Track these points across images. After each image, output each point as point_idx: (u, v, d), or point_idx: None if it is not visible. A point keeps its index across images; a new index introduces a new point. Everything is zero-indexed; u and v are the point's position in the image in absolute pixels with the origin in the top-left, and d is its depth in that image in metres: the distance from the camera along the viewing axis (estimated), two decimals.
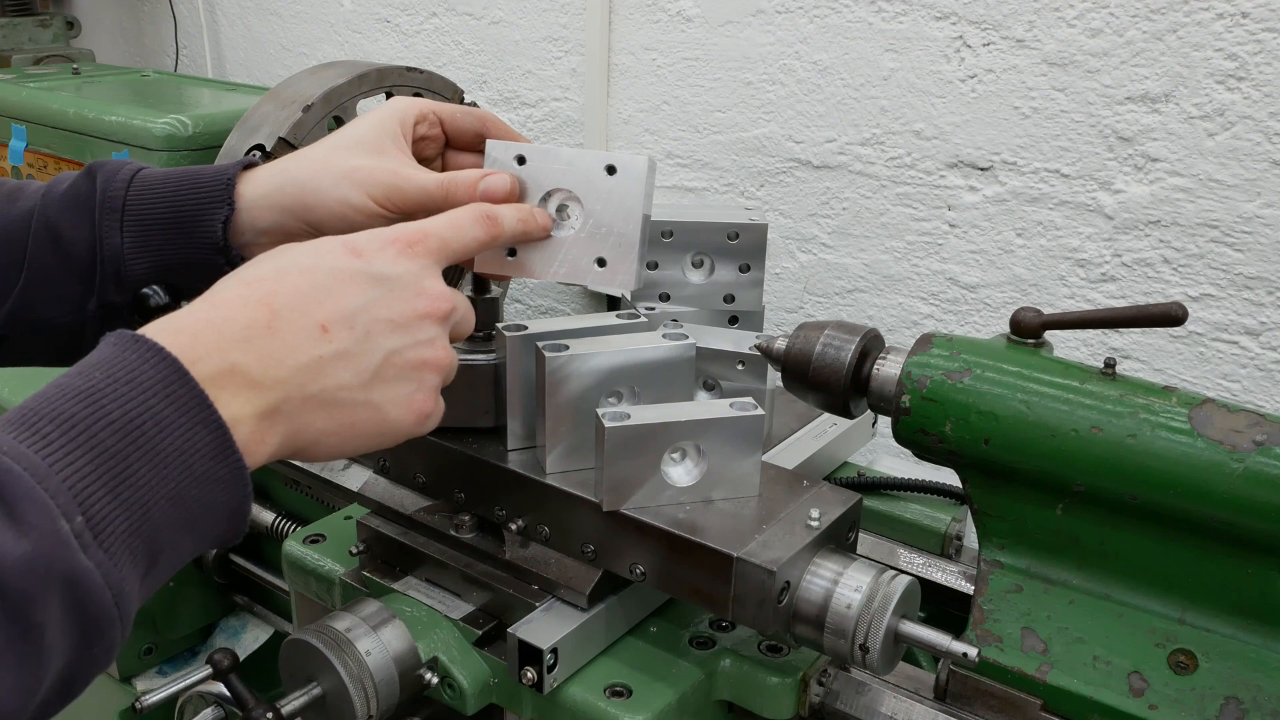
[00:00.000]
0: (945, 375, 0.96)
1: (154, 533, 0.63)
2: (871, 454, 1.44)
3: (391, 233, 0.80)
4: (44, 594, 0.56)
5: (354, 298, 0.75)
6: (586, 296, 2.29)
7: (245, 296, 0.73)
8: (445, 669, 0.99)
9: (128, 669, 1.66)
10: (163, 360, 0.65)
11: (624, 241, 0.95)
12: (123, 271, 0.93)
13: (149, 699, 1.22)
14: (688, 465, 0.95)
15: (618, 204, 0.95)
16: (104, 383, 0.63)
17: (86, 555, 0.58)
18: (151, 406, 0.63)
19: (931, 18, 1.70)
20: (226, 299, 0.73)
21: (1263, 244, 1.51)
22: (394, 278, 0.77)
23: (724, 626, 1.03)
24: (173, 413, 0.64)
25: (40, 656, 0.57)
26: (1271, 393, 1.56)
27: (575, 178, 0.95)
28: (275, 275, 0.75)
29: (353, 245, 0.78)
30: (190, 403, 0.65)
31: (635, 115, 2.12)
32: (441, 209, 0.88)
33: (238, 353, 0.69)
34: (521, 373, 1.00)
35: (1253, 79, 1.46)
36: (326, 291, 0.75)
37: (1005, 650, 0.95)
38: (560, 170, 0.95)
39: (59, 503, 0.58)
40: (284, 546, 1.18)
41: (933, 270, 1.82)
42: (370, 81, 1.34)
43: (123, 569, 0.61)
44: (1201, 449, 0.86)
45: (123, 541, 0.61)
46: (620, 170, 0.95)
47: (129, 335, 0.66)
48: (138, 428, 0.62)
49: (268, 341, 0.71)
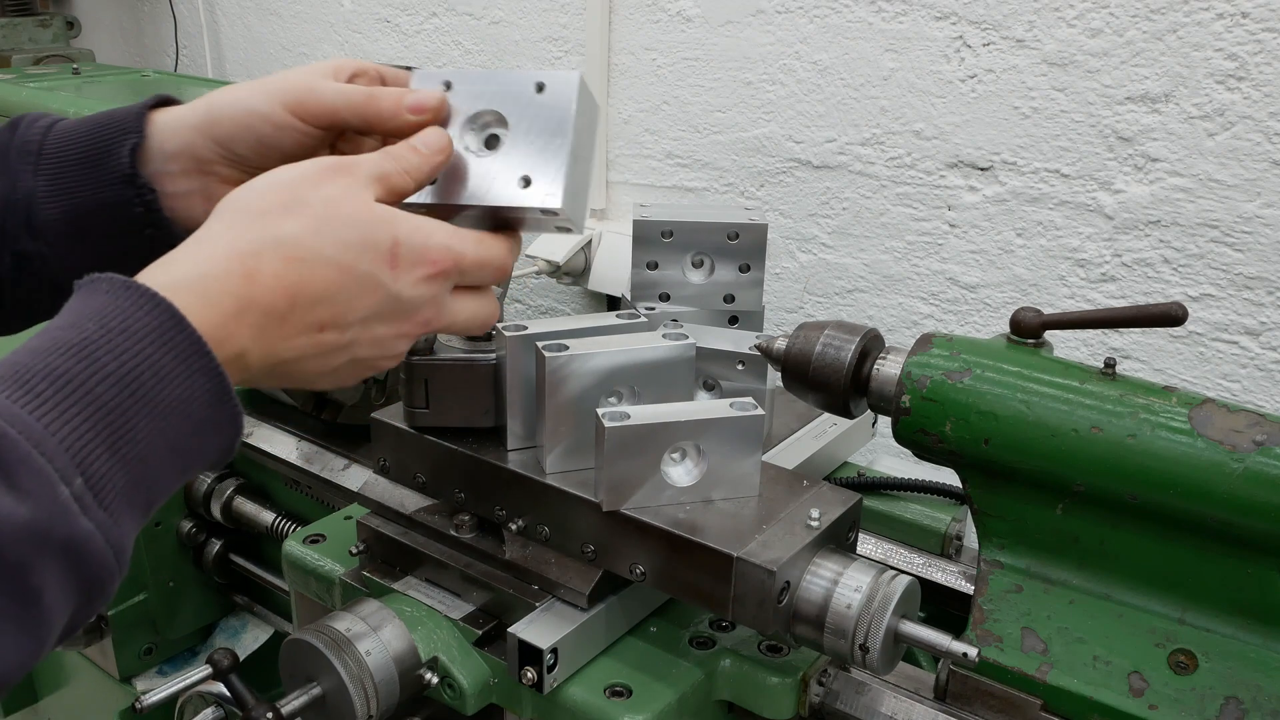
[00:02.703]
0: (945, 375, 0.96)
1: (153, 483, 0.63)
2: (871, 454, 1.44)
3: (434, 254, 0.79)
4: (41, 560, 0.56)
5: (363, 309, 0.76)
6: (586, 296, 2.29)
7: (280, 278, 0.71)
8: (445, 669, 0.99)
9: (128, 669, 1.66)
10: (157, 306, 0.64)
11: (551, 158, 0.88)
12: (35, 217, 0.89)
13: (149, 699, 1.22)
14: (688, 465, 0.95)
15: (546, 120, 0.88)
16: (98, 334, 0.61)
17: (87, 517, 0.58)
18: (149, 356, 0.62)
19: (931, 18, 1.70)
20: (261, 272, 0.71)
21: (1263, 244, 1.51)
22: (407, 302, 0.78)
23: (724, 626, 1.03)
24: (171, 361, 0.63)
25: (40, 619, 0.57)
26: (1271, 393, 1.56)
27: (502, 99, 0.89)
28: (313, 262, 0.73)
29: (395, 254, 0.76)
30: (189, 349, 0.64)
31: (635, 115, 2.12)
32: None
33: (247, 339, 0.70)
34: (521, 373, 1.00)
35: (1253, 79, 1.46)
36: (348, 297, 0.75)
37: (1005, 650, 0.95)
38: (487, 92, 0.89)
39: (57, 466, 0.57)
40: (284, 546, 1.18)
41: (933, 270, 1.82)
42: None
43: (123, 524, 0.60)
44: (1201, 449, 0.86)
45: (123, 497, 0.60)
46: (550, 87, 0.88)
47: (120, 281, 0.64)
48: (136, 379, 0.61)
49: (275, 330, 0.72)
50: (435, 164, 0.84)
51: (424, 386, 1.04)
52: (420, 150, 0.83)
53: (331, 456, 1.52)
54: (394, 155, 0.82)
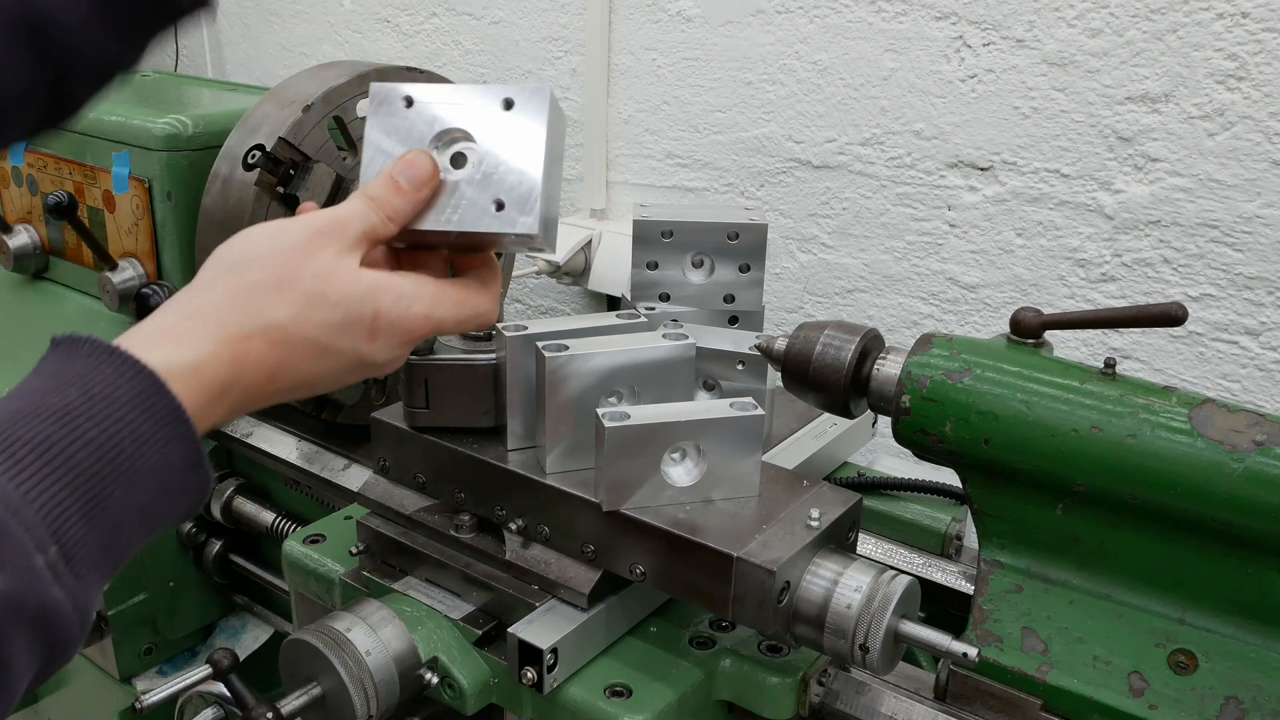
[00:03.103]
0: (945, 375, 0.96)
1: (122, 546, 0.64)
2: (871, 454, 1.44)
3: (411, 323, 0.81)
4: (13, 630, 0.56)
5: (335, 374, 0.80)
6: (586, 296, 2.29)
7: (264, 360, 0.74)
8: (445, 669, 0.99)
9: (128, 669, 1.66)
10: (140, 374, 0.65)
11: (523, 181, 0.85)
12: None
13: (149, 699, 1.22)
14: (688, 465, 0.95)
15: (516, 142, 0.85)
16: (80, 401, 0.62)
17: (59, 586, 0.58)
18: (130, 422, 0.63)
19: (931, 18, 1.70)
20: (249, 355, 0.73)
21: (1263, 244, 1.51)
22: (379, 364, 0.81)
23: (724, 626, 1.03)
24: (150, 427, 0.64)
25: (5, 685, 0.57)
26: (1271, 393, 1.56)
27: (469, 116, 0.86)
28: (296, 344, 0.75)
29: (374, 328, 0.79)
30: (168, 417, 0.65)
31: (635, 115, 2.12)
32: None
33: (224, 412, 0.73)
34: (521, 373, 1.00)
35: (1253, 79, 1.46)
36: (324, 369, 0.78)
37: (1005, 650, 0.95)
38: (453, 109, 0.86)
39: (34, 535, 0.57)
40: (284, 546, 1.18)
41: (933, 270, 1.82)
42: (370, 81, 1.34)
43: (91, 589, 0.61)
44: (1201, 449, 0.86)
45: (93, 562, 0.61)
46: (519, 104, 0.85)
47: (102, 346, 0.65)
48: (115, 445, 0.62)
49: (251, 401, 0.75)
50: (419, 201, 0.84)
51: (424, 386, 1.04)
52: (404, 189, 0.83)
53: (331, 456, 1.52)
54: (379, 202, 0.82)
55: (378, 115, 0.87)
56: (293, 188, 1.33)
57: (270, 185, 1.33)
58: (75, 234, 1.63)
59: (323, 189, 1.34)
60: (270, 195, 1.34)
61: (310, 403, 1.49)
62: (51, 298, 1.75)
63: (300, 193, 1.32)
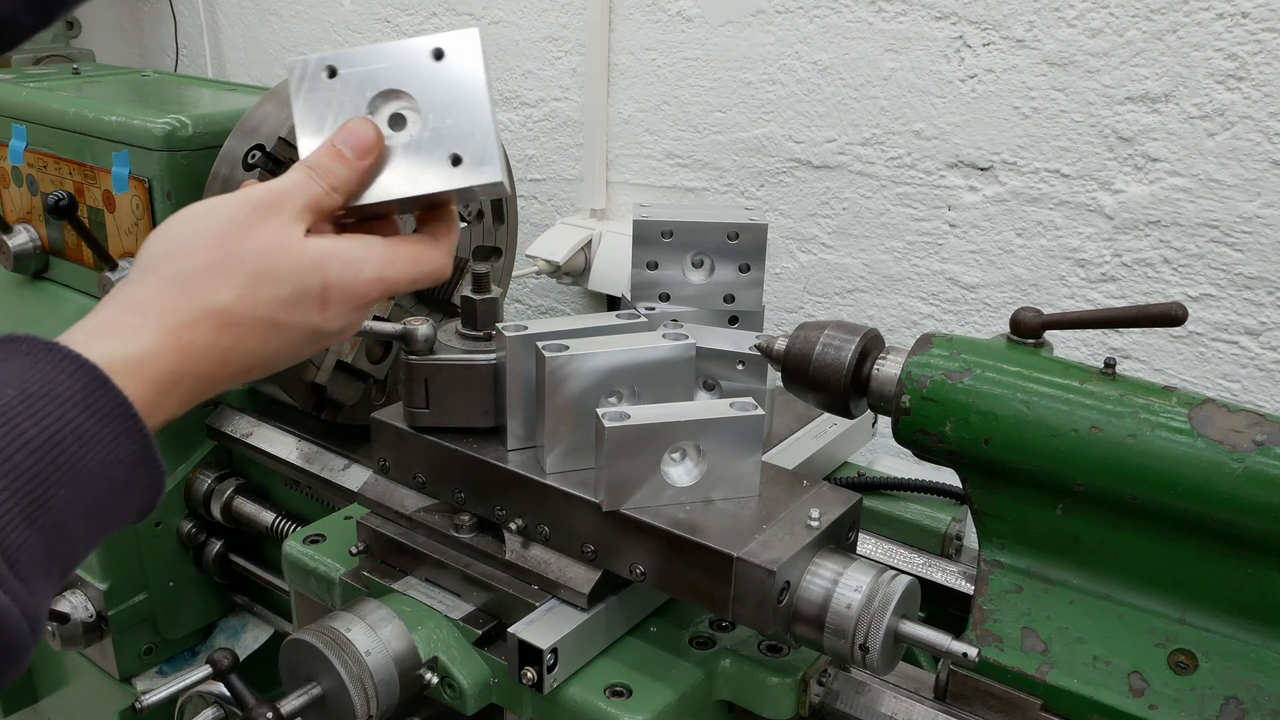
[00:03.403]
0: (945, 375, 0.96)
1: (70, 549, 0.62)
2: (871, 454, 1.44)
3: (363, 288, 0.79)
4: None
5: (291, 348, 0.77)
6: (586, 296, 2.29)
7: (213, 346, 0.72)
8: (445, 669, 0.99)
9: (128, 669, 1.66)
10: (80, 369, 0.63)
11: (476, 129, 0.82)
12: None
13: (149, 699, 1.22)
14: (688, 465, 0.95)
15: (456, 90, 0.82)
16: (17, 400, 0.60)
17: (3, 590, 0.57)
18: (72, 420, 0.61)
19: (931, 18, 1.70)
20: (196, 344, 0.71)
21: (1263, 244, 1.51)
22: (333, 331, 0.79)
23: (724, 626, 1.03)
24: (95, 425, 0.62)
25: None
26: (1271, 393, 1.56)
27: (400, 74, 0.82)
28: (246, 325, 0.73)
29: (325, 298, 0.77)
30: (113, 412, 0.63)
31: (635, 115, 2.12)
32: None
33: (177, 404, 0.71)
34: (521, 373, 1.00)
35: (1253, 79, 1.46)
36: (278, 345, 0.76)
37: (1005, 650, 0.95)
38: (381, 70, 0.82)
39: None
40: (284, 546, 1.18)
41: (933, 270, 1.82)
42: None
43: (38, 593, 0.59)
44: (1201, 449, 0.86)
45: (39, 566, 0.59)
46: (449, 52, 0.82)
47: (41, 343, 0.63)
48: (57, 445, 0.60)
49: (205, 389, 0.73)
50: (364, 170, 0.81)
51: (424, 386, 1.04)
52: (346, 157, 0.80)
53: (331, 456, 1.52)
54: (320, 171, 0.79)
55: (303, 92, 0.83)
56: None
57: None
58: (75, 234, 1.63)
59: None
60: None
61: (310, 402, 1.49)
62: (51, 298, 1.74)
63: None
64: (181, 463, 1.61)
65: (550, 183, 2.32)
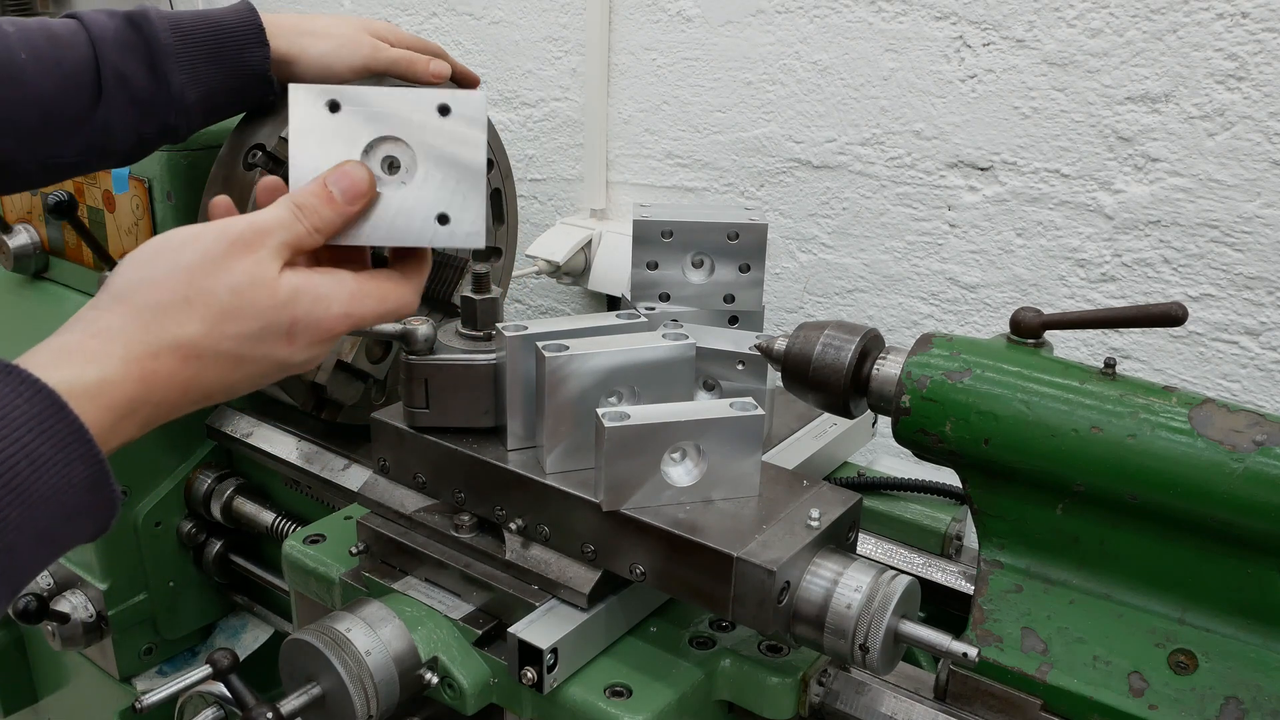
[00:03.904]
0: (945, 375, 0.96)
1: (18, 571, 0.62)
2: (871, 454, 1.44)
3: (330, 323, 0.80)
4: None
5: (252, 380, 0.79)
6: (586, 296, 2.29)
7: (175, 376, 0.73)
8: (445, 669, 0.99)
9: (128, 669, 1.66)
10: (38, 394, 0.63)
11: (467, 191, 0.83)
12: (183, 101, 1.19)
13: (149, 699, 1.22)
14: (688, 465, 0.95)
15: (455, 148, 0.83)
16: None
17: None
18: (26, 444, 0.61)
19: (931, 18, 1.70)
20: (158, 373, 0.72)
21: (1263, 244, 1.51)
22: (298, 364, 0.80)
23: (724, 626, 1.03)
24: (49, 449, 0.62)
25: None
26: (1271, 393, 1.56)
27: (403, 123, 0.82)
28: (210, 358, 0.74)
29: (292, 333, 0.78)
30: (68, 437, 0.63)
31: (635, 115, 2.12)
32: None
33: (134, 429, 0.72)
34: (521, 373, 1.00)
35: (1253, 79, 1.46)
36: (240, 377, 0.77)
37: (1005, 650, 0.95)
38: (385, 115, 0.82)
39: None
40: (284, 546, 1.18)
41: (933, 270, 1.82)
42: (369, 82, 1.34)
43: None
44: (1201, 449, 0.86)
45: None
46: (455, 110, 0.82)
47: (1, 365, 0.63)
48: (10, 469, 0.60)
49: (164, 416, 0.74)
50: (351, 215, 0.81)
51: (424, 386, 1.04)
52: (335, 200, 0.80)
53: (331, 456, 1.52)
54: (307, 211, 0.79)
55: (303, 119, 0.83)
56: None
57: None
58: (75, 234, 1.63)
59: None
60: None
61: (310, 402, 1.49)
62: (51, 298, 1.75)
63: None
64: (181, 463, 1.61)
65: (550, 183, 2.32)
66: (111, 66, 1.14)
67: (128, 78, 1.15)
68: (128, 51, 1.15)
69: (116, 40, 1.15)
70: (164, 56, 1.16)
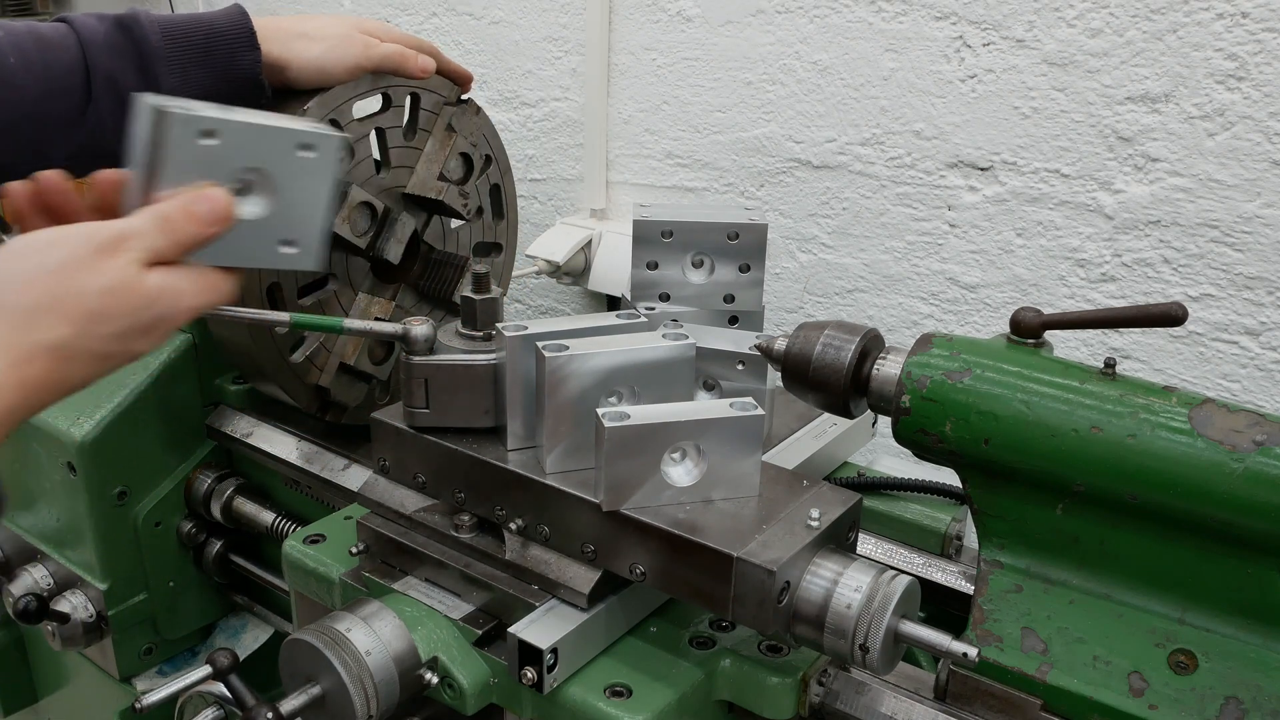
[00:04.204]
0: (945, 375, 0.96)
1: None
2: (871, 454, 1.44)
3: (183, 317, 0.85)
4: None
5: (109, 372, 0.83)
6: (586, 296, 2.29)
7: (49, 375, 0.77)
8: (445, 669, 0.99)
9: (128, 669, 1.66)
10: None
11: (312, 221, 0.91)
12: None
13: (149, 699, 1.22)
14: (688, 465, 0.95)
15: (308, 182, 0.91)
16: None
17: None
18: None
19: (931, 18, 1.70)
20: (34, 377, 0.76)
21: (1263, 244, 1.51)
22: (143, 354, 0.84)
23: (724, 626, 1.03)
24: None
25: None
26: (1271, 393, 1.56)
27: (267, 154, 0.89)
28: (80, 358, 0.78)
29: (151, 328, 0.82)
30: None
31: (635, 115, 2.12)
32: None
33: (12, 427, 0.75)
34: (521, 373, 1.00)
35: (1253, 79, 1.46)
36: (103, 371, 0.82)
37: (1005, 650, 0.95)
38: (249, 144, 0.89)
39: None
40: (284, 546, 1.18)
41: (933, 270, 1.82)
42: (366, 83, 1.34)
43: None
44: (1201, 449, 0.86)
45: None
46: (316, 149, 0.91)
47: None
48: None
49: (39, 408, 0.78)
50: (211, 236, 0.86)
51: (424, 386, 1.04)
52: (200, 220, 0.85)
53: (331, 456, 1.52)
54: (172, 226, 0.84)
55: (172, 143, 0.87)
56: None
57: None
58: None
59: None
60: None
61: (315, 405, 1.49)
62: None
63: None
64: (181, 463, 1.61)
65: (550, 183, 2.32)
66: (101, 69, 1.14)
67: (117, 80, 1.15)
68: (117, 54, 1.15)
69: (106, 43, 1.15)
70: (154, 60, 1.16)
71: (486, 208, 1.58)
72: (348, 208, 1.35)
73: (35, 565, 1.62)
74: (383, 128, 1.40)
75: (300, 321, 1.07)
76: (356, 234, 1.38)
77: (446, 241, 1.54)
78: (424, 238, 1.50)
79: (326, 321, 1.07)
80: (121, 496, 1.54)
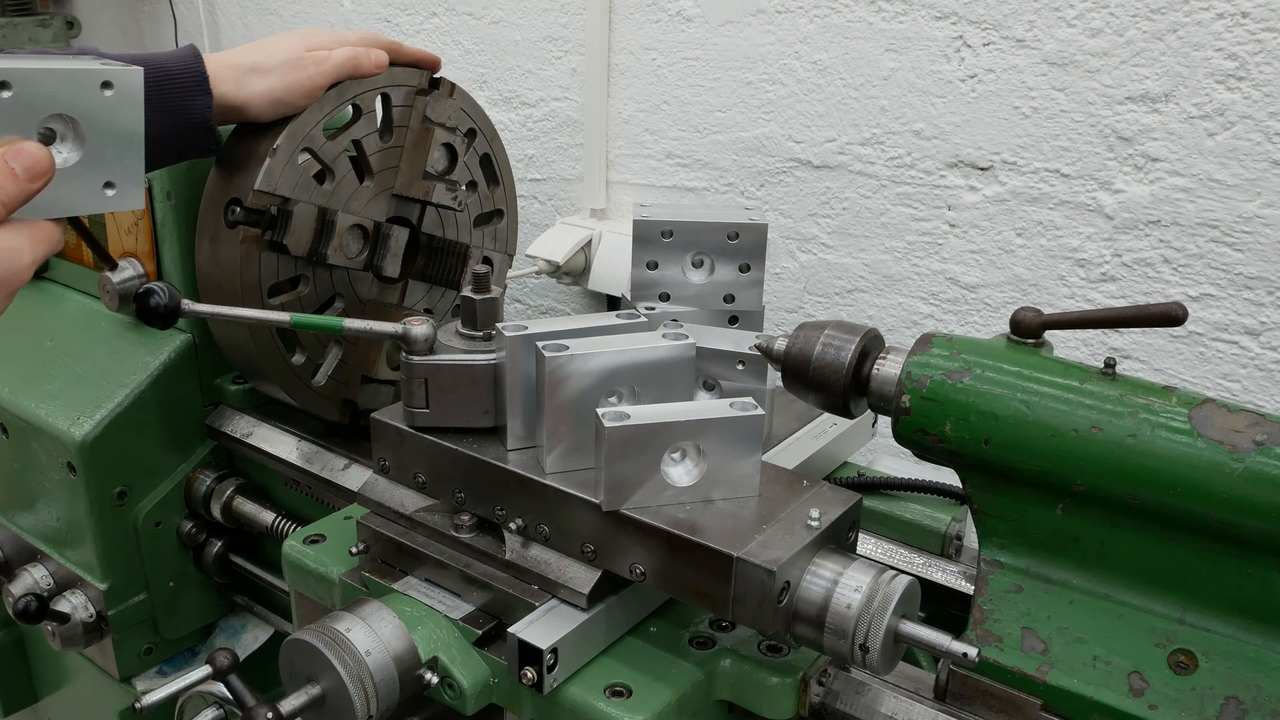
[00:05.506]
0: (945, 375, 0.96)
1: None
2: (871, 454, 1.44)
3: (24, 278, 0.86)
4: None
5: None
6: (586, 296, 2.29)
7: None
8: (445, 669, 0.99)
9: (128, 669, 1.66)
10: None
11: (129, 160, 0.92)
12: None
13: (149, 699, 1.22)
14: (688, 465, 0.95)
15: (116, 120, 0.90)
16: None
17: None
18: None
19: (931, 18, 1.70)
20: None
21: (1263, 244, 1.51)
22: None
23: (724, 626, 1.03)
24: None
25: None
26: (1271, 393, 1.56)
27: (71, 100, 0.88)
28: None
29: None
30: None
31: (635, 115, 2.12)
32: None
33: None
34: (521, 373, 1.00)
35: (1253, 79, 1.46)
36: None
37: (1005, 650, 0.95)
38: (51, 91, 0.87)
39: None
40: (284, 546, 1.18)
41: (933, 270, 1.82)
42: (331, 100, 1.33)
43: None
44: (1201, 449, 0.86)
45: None
46: (116, 85, 0.90)
47: None
48: None
49: None
50: (33, 191, 0.86)
51: (424, 386, 1.04)
52: (19, 178, 0.85)
53: (331, 456, 1.52)
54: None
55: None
56: (279, 234, 1.32)
57: (256, 237, 1.32)
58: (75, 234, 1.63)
59: (309, 226, 1.34)
60: (258, 247, 1.32)
61: (347, 416, 1.51)
62: (51, 298, 1.75)
63: (286, 238, 1.32)
64: (181, 463, 1.61)
65: (550, 183, 2.32)
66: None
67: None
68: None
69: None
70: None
71: (480, 179, 1.57)
72: (337, 235, 1.35)
73: (35, 565, 1.62)
74: (358, 138, 1.39)
75: (300, 322, 1.07)
76: (350, 257, 1.39)
77: (445, 224, 1.54)
78: (423, 227, 1.50)
79: (327, 322, 1.07)
80: (121, 496, 1.54)
